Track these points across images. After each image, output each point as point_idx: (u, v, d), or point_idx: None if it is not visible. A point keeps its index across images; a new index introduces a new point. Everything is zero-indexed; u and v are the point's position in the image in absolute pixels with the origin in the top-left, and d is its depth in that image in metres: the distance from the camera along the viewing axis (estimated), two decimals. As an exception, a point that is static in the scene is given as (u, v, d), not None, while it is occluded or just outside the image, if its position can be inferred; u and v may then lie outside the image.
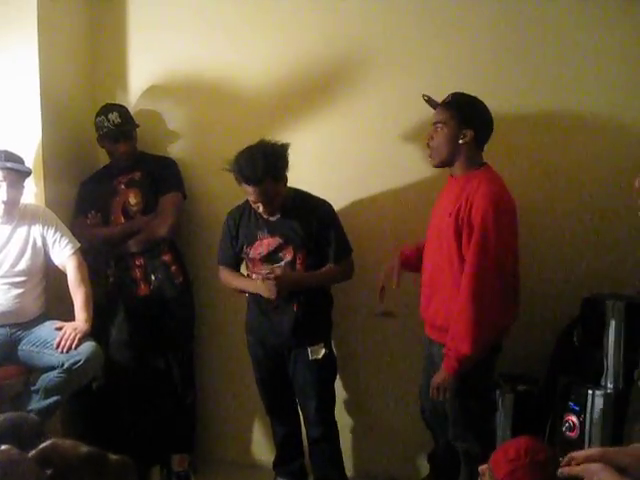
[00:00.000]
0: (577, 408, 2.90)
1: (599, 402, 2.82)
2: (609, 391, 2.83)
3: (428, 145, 2.90)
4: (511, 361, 3.35)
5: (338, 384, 3.53)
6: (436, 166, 2.93)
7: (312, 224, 3.14)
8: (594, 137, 3.27)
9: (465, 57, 3.36)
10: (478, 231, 2.68)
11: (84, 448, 0.50)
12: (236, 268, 3.35)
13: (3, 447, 0.50)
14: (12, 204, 3.17)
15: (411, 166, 3.45)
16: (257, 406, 3.70)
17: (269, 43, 3.62)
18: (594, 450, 1.68)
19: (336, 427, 3.40)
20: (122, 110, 3.52)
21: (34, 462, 0.49)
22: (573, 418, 2.91)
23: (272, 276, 3.08)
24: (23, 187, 3.19)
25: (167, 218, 3.48)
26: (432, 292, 2.95)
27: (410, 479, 3.65)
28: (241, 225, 3.24)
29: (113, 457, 0.51)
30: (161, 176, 3.55)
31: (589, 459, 1.64)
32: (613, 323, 2.87)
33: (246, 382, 3.74)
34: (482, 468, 2.41)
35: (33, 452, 0.49)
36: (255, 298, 3.24)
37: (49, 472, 0.48)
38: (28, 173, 3.20)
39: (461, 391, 2.86)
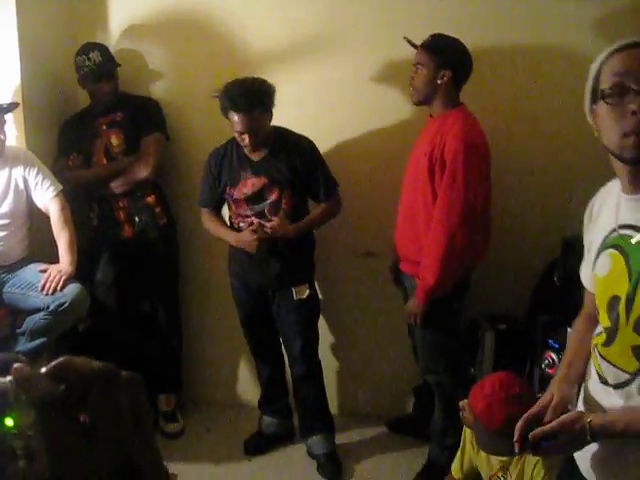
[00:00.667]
0: (557, 345, 2.96)
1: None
2: (587, 329, 2.87)
3: (410, 84, 2.98)
4: (492, 301, 3.42)
5: (322, 324, 3.58)
6: (415, 104, 3.03)
7: (296, 162, 3.13)
8: (568, 71, 3.29)
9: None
10: (449, 168, 2.77)
11: (96, 363, 0.52)
12: (217, 210, 3.35)
13: (16, 364, 0.51)
14: (2, 143, 3.15)
15: (394, 107, 3.44)
16: (242, 348, 3.75)
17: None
18: (554, 403, 1.67)
19: (320, 365, 3.45)
20: (103, 49, 3.45)
21: (47, 377, 0.50)
22: (553, 355, 2.97)
23: (268, 229, 3.08)
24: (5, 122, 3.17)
25: (150, 159, 3.45)
26: (406, 227, 3.04)
27: (394, 414, 3.74)
28: (224, 165, 3.21)
29: (124, 372, 0.53)
30: (143, 117, 3.50)
31: (556, 412, 1.65)
32: (592, 261, 2.91)
33: (231, 324, 3.78)
34: (462, 403, 2.49)
35: (46, 368, 0.51)
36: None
37: (62, 387, 0.49)
38: (15, 106, 3.17)
39: (428, 323, 2.99)
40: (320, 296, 3.46)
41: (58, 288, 3.08)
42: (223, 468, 3.44)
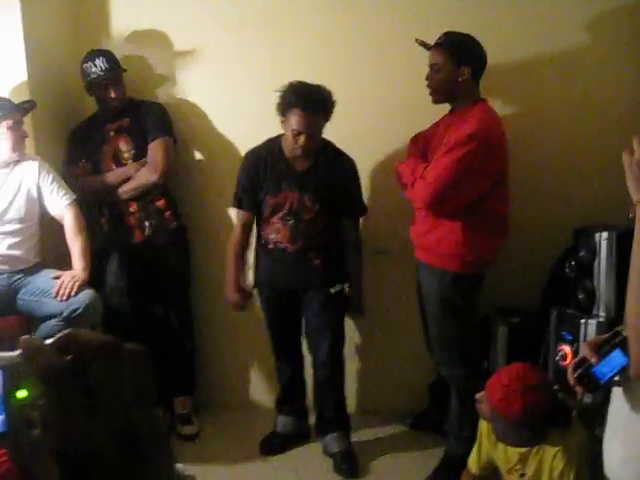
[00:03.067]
0: (570, 337, 2.96)
1: (592, 330, 2.88)
2: (601, 319, 2.88)
3: (428, 85, 2.99)
4: (505, 295, 3.42)
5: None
6: (436, 102, 3.04)
7: (336, 180, 3.14)
8: (583, 73, 3.33)
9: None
10: (451, 145, 2.82)
11: (100, 336, 0.54)
12: (254, 215, 3.30)
13: (23, 336, 0.53)
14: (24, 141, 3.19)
15: (405, 106, 3.45)
16: (254, 349, 3.77)
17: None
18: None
19: (343, 365, 3.46)
20: (108, 55, 3.46)
21: (54, 349, 0.52)
22: (566, 347, 2.97)
23: None
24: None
25: (158, 163, 3.46)
26: (423, 219, 3.06)
27: (412, 411, 3.74)
28: (267, 171, 3.17)
29: (128, 345, 0.55)
30: (150, 121, 3.51)
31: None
32: (604, 253, 2.91)
33: (242, 326, 3.80)
34: (479, 396, 2.49)
35: (52, 340, 0.53)
36: (266, 250, 3.25)
37: (68, 358, 0.51)
38: (33, 105, 3.21)
39: (443, 315, 3.04)
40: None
41: (72, 294, 3.10)
42: (240, 469, 3.44)
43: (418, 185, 2.91)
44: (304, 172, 3.13)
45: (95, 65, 3.41)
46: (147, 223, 3.54)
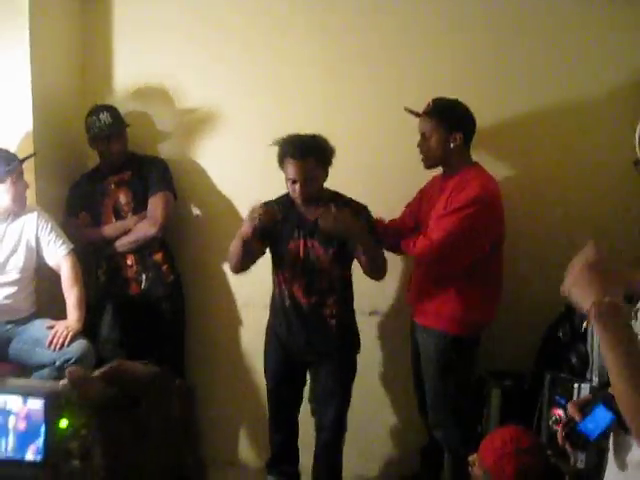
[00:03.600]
0: (563, 402, 2.93)
1: (585, 395, 2.87)
2: (594, 384, 2.87)
3: (420, 152, 3.05)
4: (499, 358, 3.41)
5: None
6: (428, 167, 3.09)
7: None
8: (577, 133, 3.38)
9: (457, 63, 3.43)
10: (456, 205, 2.88)
11: (150, 368, 0.54)
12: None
13: (71, 368, 0.54)
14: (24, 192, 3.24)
15: (396, 170, 3.50)
16: (247, 408, 3.73)
17: (262, 42, 3.63)
18: None
19: (345, 431, 3.38)
20: (112, 110, 3.53)
21: (101, 380, 0.52)
22: (559, 412, 2.94)
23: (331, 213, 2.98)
24: None
25: (158, 217, 3.50)
26: (423, 281, 3.11)
27: (404, 476, 3.68)
28: (280, 221, 3.14)
29: (177, 380, 0.55)
30: (151, 176, 3.57)
31: None
32: (598, 318, 2.92)
33: (237, 384, 3.77)
34: (471, 458, 2.46)
35: (99, 371, 0.53)
36: (290, 309, 3.19)
37: (114, 390, 0.52)
38: (31, 155, 3.28)
39: (440, 376, 3.05)
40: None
41: (65, 344, 3.10)
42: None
43: (421, 242, 2.95)
44: (315, 220, 3.11)
45: (99, 120, 3.48)
46: (144, 276, 3.56)
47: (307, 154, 2.98)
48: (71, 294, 3.25)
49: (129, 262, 3.56)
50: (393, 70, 3.49)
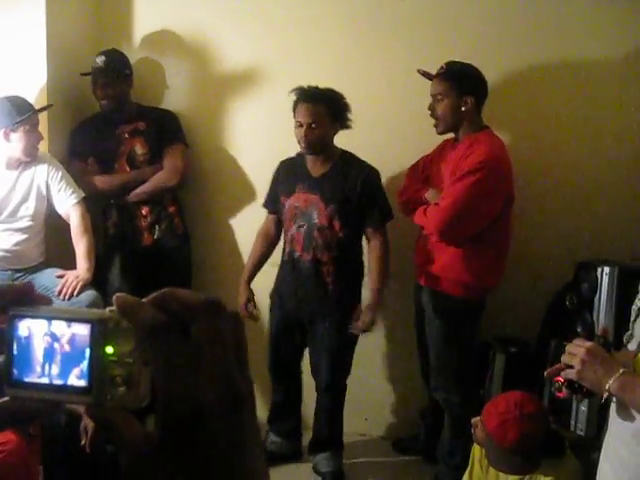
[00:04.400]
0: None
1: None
2: (599, 353, 2.88)
3: (431, 115, 3.03)
4: (504, 324, 3.43)
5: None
6: (441, 133, 3.09)
7: (355, 186, 3.11)
8: (588, 105, 3.36)
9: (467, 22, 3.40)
10: (463, 172, 2.88)
11: (201, 295, 0.54)
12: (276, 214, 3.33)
13: (118, 293, 0.54)
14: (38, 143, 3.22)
15: (406, 136, 3.50)
16: (254, 364, 3.73)
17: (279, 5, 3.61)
18: None
19: (345, 391, 3.40)
20: (110, 55, 3.45)
21: (149, 306, 0.53)
22: (562, 379, 2.97)
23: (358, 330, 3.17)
24: None
25: (178, 168, 3.49)
26: (430, 245, 3.10)
27: (405, 435, 3.73)
28: (286, 174, 3.25)
29: (228, 309, 0.55)
30: (165, 127, 3.54)
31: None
32: (605, 287, 2.94)
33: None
34: (474, 420, 2.49)
35: (148, 298, 0.53)
36: (290, 265, 3.23)
37: (164, 316, 0.52)
38: (49, 106, 3.26)
39: (444, 339, 3.08)
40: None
41: (75, 294, 3.11)
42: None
43: (431, 212, 2.96)
44: (319, 177, 3.16)
45: (96, 62, 3.42)
46: (157, 227, 3.55)
47: (318, 100, 3.03)
48: (80, 244, 3.25)
49: (144, 212, 3.54)
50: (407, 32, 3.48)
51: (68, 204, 3.27)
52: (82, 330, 0.55)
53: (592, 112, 3.36)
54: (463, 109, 2.95)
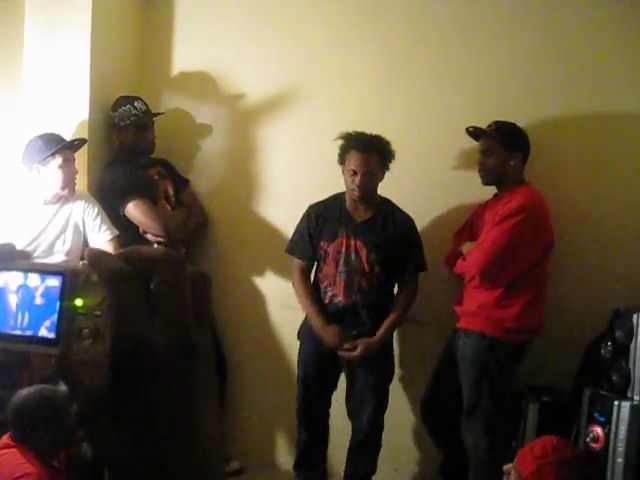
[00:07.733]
0: (602, 419, 2.89)
1: (625, 413, 2.82)
2: (635, 402, 2.82)
3: (480, 169, 3.19)
4: (538, 373, 3.37)
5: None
6: (485, 184, 3.22)
7: (396, 235, 3.17)
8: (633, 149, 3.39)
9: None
10: (502, 218, 3.01)
11: (164, 249, 0.56)
12: (310, 263, 3.32)
13: (90, 247, 0.56)
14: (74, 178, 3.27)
15: (444, 184, 3.54)
16: (277, 409, 3.70)
17: (321, 38, 3.70)
18: None
19: (382, 433, 3.35)
20: (141, 99, 3.55)
21: (118, 258, 0.54)
22: (598, 429, 2.90)
23: (356, 354, 3.14)
24: None
25: (204, 209, 3.64)
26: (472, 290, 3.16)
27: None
28: (326, 218, 3.23)
29: (192, 268, 0.57)
30: (174, 173, 3.68)
31: None
32: (642, 335, 2.88)
33: (265, 385, 3.76)
34: (506, 467, 2.40)
35: (118, 251, 0.55)
36: (332, 308, 3.22)
37: (130, 267, 0.53)
38: (83, 142, 3.32)
39: (477, 379, 3.08)
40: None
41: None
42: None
43: (471, 255, 3.04)
44: (363, 222, 3.19)
45: (135, 107, 3.47)
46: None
47: (372, 149, 3.09)
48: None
49: (182, 252, 3.53)
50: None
51: (102, 240, 3.29)
52: (55, 282, 0.56)
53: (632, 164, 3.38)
54: (512, 163, 3.10)
